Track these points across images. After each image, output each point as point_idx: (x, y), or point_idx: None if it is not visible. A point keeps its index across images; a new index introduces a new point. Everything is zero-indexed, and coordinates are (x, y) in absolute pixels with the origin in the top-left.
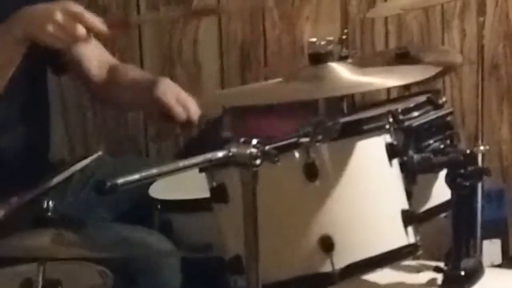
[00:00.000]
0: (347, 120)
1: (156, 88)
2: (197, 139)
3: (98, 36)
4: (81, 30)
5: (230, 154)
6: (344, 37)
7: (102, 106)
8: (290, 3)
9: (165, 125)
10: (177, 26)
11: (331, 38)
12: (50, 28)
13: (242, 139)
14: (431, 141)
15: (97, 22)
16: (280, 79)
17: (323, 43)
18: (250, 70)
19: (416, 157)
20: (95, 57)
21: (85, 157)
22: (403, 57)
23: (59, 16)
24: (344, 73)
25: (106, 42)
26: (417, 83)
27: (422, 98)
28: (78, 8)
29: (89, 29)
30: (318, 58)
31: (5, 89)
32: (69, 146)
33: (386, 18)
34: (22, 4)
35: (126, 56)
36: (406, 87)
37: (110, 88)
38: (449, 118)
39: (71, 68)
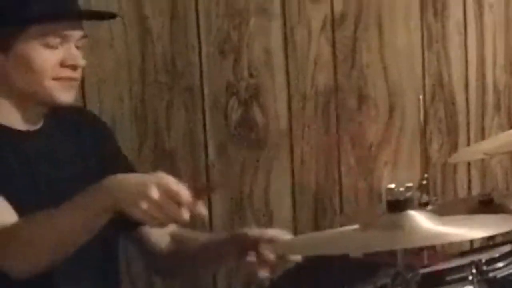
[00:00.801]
0: (428, 271)
1: (237, 234)
2: None
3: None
4: (177, 210)
5: None
6: (424, 182)
7: (167, 279)
8: (368, 147)
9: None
10: (248, 172)
11: (410, 184)
12: (144, 205)
13: None
14: None
15: (189, 200)
16: (356, 228)
17: (402, 189)
18: (324, 219)
19: None
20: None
21: None
22: (487, 205)
23: (154, 193)
24: (424, 222)
25: None
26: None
27: (507, 248)
28: (175, 185)
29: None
30: (397, 205)
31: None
32: None
33: (468, 163)
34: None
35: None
36: (491, 236)
37: (178, 258)
38: None
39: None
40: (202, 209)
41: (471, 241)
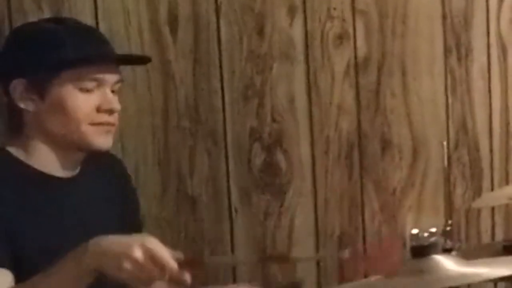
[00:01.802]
0: None
1: None
2: None
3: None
4: (159, 273)
5: None
6: (448, 228)
7: None
8: (391, 192)
9: None
10: (272, 217)
11: (434, 230)
12: (127, 266)
13: None
14: None
15: (174, 266)
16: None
17: (426, 234)
18: (348, 265)
19: None
20: None
21: None
22: (511, 250)
23: (138, 254)
24: (448, 266)
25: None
26: None
27: None
28: (159, 249)
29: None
30: (421, 250)
31: None
32: None
33: (492, 208)
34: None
35: (216, 247)
36: None
37: None
38: None
39: None
40: (187, 277)
41: (495, 286)
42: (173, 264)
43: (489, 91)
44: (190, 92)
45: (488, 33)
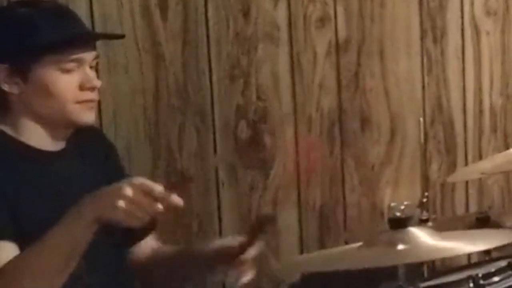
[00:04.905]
0: (427, 285)
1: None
2: None
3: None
4: (152, 203)
5: None
6: (424, 201)
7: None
8: (370, 167)
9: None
10: (257, 190)
11: (411, 203)
12: (121, 204)
13: None
14: None
15: (161, 190)
16: (360, 244)
17: (403, 207)
18: (329, 235)
19: None
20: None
21: None
22: (483, 222)
23: (128, 191)
24: (424, 238)
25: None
26: (498, 248)
27: (503, 263)
28: (147, 182)
29: (160, 202)
30: (398, 222)
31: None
32: None
33: (466, 182)
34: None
35: (204, 219)
36: (487, 251)
37: (153, 267)
38: None
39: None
40: (176, 200)
41: (469, 256)
42: (160, 188)
43: (463, 71)
44: (179, 72)
45: (462, 16)
